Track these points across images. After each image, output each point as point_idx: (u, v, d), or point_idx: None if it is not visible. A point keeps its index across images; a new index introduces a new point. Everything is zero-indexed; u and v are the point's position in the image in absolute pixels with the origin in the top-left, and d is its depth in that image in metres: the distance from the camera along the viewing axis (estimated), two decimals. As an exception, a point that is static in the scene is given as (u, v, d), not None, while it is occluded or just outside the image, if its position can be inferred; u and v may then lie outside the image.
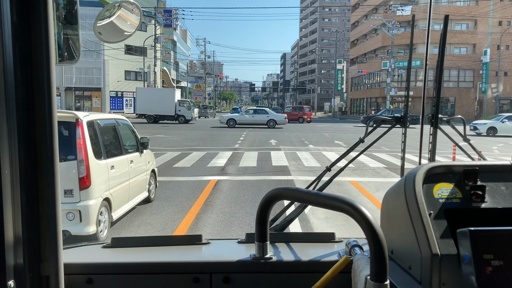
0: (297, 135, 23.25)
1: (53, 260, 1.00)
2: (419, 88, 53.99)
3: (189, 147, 16.02)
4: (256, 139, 20.53)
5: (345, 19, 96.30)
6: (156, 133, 22.95)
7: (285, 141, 19.32)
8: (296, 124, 35.93)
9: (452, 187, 1.19)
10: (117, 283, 1.36)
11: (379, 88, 55.77)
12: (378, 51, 59.19)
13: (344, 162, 1.89)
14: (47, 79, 0.97)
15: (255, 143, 18.42)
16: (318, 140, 20.18)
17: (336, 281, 1.20)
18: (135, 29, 1.47)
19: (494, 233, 0.98)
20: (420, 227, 1.10)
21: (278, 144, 17.74)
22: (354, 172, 10.42)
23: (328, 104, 74.35)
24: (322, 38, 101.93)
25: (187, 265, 1.37)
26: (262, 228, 1.26)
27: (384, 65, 51.03)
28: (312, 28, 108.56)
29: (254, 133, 24.64)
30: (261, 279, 1.35)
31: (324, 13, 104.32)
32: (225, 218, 6.37)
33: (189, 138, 20.40)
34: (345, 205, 0.96)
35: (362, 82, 64.35)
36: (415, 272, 1.13)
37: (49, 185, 0.99)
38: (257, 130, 26.81)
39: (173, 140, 19.23)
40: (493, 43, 51.06)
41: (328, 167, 1.91)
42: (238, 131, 25.97)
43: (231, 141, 18.84)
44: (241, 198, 7.69)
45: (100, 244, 1.57)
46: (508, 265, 0.95)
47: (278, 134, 23.67)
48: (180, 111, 33.21)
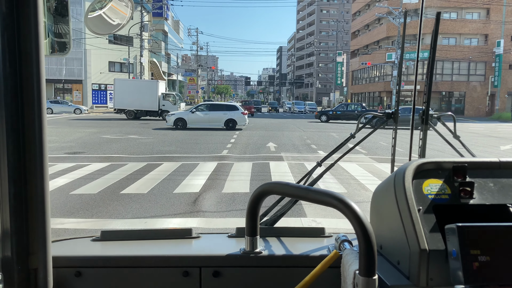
0: (299, 136, 19.34)
1: (41, 253, 1.02)
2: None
3: (162, 155, 12.12)
4: (250, 141, 16.62)
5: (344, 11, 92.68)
6: (129, 133, 18.98)
7: (286, 145, 15.42)
8: (296, 121, 32.02)
9: (441, 183, 1.20)
10: (106, 276, 1.34)
11: (383, 82, 51.93)
12: (381, 42, 55.30)
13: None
14: (36, 70, 0.97)
15: (249, 147, 14.53)
16: (327, 143, 16.29)
17: (326, 276, 1.21)
18: (127, 20, 1.47)
19: (481, 229, 0.98)
20: (409, 223, 1.11)
21: (278, 150, 13.84)
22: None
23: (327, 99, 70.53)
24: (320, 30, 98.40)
25: (176, 259, 1.36)
26: (252, 222, 1.27)
27: (389, 57, 47.13)
28: (309, 20, 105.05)
29: (248, 133, 20.71)
30: (251, 273, 1.35)
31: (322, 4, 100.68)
32: None
33: (167, 140, 16.46)
34: (334, 200, 0.97)
35: (363, 75, 60.47)
36: (404, 267, 1.14)
37: (38, 178, 0.99)
38: (251, 130, 22.88)
39: (146, 143, 15.30)
40: (507, 33, 47.32)
41: (319, 162, 1.91)
42: (230, 131, 22.06)
43: (219, 145, 14.93)
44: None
45: (89, 237, 1.54)
46: (495, 261, 0.96)
47: (277, 135, 19.75)
48: (165, 106, 29.11)
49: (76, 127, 22.06)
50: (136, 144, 14.68)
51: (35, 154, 0.99)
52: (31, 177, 0.99)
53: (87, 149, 13.17)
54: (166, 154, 12.21)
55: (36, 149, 0.99)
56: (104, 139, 16.16)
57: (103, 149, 13.36)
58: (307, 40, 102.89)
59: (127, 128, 21.68)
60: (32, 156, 0.99)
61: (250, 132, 20.77)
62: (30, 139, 0.98)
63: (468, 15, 49.44)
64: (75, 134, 18.06)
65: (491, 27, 47.80)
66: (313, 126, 27.04)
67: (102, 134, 18.43)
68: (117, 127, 22.62)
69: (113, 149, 13.22)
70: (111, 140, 16.02)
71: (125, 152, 12.67)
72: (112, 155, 12.03)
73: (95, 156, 11.76)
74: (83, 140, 15.68)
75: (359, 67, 59.48)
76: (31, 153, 0.98)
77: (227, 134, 19.23)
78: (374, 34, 57.11)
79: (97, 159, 11.23)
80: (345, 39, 78.39)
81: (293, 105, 58.48)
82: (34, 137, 0.98)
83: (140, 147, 13.99)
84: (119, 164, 10.41)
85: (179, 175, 9.04)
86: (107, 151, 12.78)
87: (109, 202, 6.75)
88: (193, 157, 11.71)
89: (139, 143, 15.03)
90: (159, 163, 10.62)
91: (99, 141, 15.64)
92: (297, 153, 13.24)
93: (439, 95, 49.74)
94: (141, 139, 16.46)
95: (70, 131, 19.20)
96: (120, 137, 17.04)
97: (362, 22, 62.05)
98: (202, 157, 11.83)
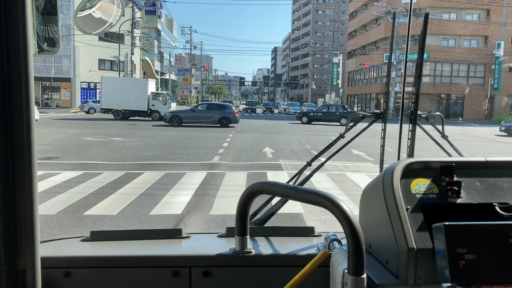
0: (298, 140, 17.96)
1: (29, 254, 1.01)
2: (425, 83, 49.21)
3: (144, 161, 10.71)
4: (244, 145, 15.22)
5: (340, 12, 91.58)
6: (113, 135, 17.51)
7: (284, 150, 14.04)
8: (293, 123, 30.69)
9: (429, 182, 1.21)
10: (96, 277, 1.33)
11: (381, 83, 50.72)
12: (379, 43, 54.09)
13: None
14: (24, 69, 0.96)
15: (244, 152, 13.14)
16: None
17: (315, 275, 1.22)
18: (117, 19, 1.45)
19: (468, 228, 0.99)
20: (397, 222, 1.12)
21: (276, 156, 12.46)
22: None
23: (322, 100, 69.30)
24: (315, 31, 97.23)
25: (166, 259, 1.35)
26: (242, 222, 1.26)
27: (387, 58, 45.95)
28: (305, 21, 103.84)
29: (242, 136, 19.32)
30: (241, 272, 1.34)
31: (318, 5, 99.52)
32: None
33: (154, 143, 15.01)
34: (323, 199, 0.97)
35: (360, 76, 59.25)
36: (392, 266, 1.14)
37: (27, 178, 0.98)
38: (246, 132, 21.50)
39: (130, 146, 13.86)
40: (507, 35, 46.28)
41: (309, 162, 1.91)
42: (222, 132, 20.65)
43: (210, 150, 13.53)
44: None
45: (78, 238, 1.52)
46: (480, 259, 0.96)
47: (273, 138, 18.37)
48: (154, 105, 27.57)
49: (58, 127, 20.55)
50: (118, 148, 13.24)
51: (23, 154, 0.97)
52: (19, 178, 0.98)
53: (62, 154, 11.73)
54: (149, 161, 10.79)
55: (24, 149, 0.97)
56: (84, 142, 14.70)
57: (80, 154, 11.92)
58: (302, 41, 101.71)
59: (112, 129, 20.19)
60: (20, 156, 0.97)
61: (244, 135, 19.37)
62: (18, 139, 0.97)
63: (468, 16, 48.37)
64: (54, 135, 16.58)
65: (491, 28, 46.76)
66: (311, 128, 25.70)
67: (83, 136, 16.96)
68: (102, 128, 21.13)
69: (91, 154, 11.78)
70: (91, 143, 14.56)
71: (104, 157, 11.24)
72: (88, 161, 10.60)
73: (69, 163, 10.33)
74: (61, 143, 14.22)
75: (356, 68, 58.27)
76: (19, 153, 0.97)
77: (220, 137, 17.82)
78: (371, 34, 55.93)
79: (70, 166, 9.81)
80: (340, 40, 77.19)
81: (288, 106, 57.19)
82: (22, 137, 0.97)
83: (122, 151, 12.55)
84: (93, 173, 8.99)
85: (160, 189, 7.63)
86: (83, 157, 11.34)
87: (67, 228, 5.33)
88: (179, 165, 10.29)
89: (121, 147, 13.59)
90: (139, 172, 9.21)
91: (78, 144, 14.18)
92: (296, 160, 11.86)
93: (438, 98, 48.66)
94: (125, 142, 15.00)
95: (50, 132, 17.71)
96: (102, 140, 15.58)
97: (359, 22, 60.86)
98: (189, 165, 10.42)
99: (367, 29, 59.18)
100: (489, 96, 46.51)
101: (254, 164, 10.81)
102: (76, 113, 34.78)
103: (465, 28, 47.18)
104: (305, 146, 15.58)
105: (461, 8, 47.12)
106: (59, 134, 17.30)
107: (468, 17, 48.39)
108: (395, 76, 44.88)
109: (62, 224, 5.47)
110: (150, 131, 20.29)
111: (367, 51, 56.63)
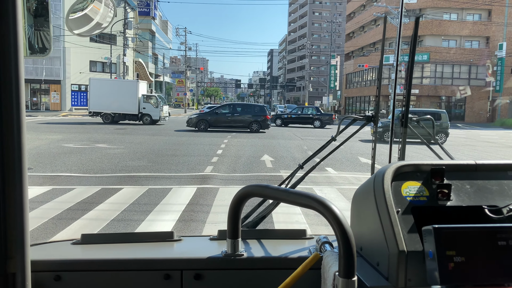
0: (298, 146, 16.62)
1: (19, 257, 1.00)
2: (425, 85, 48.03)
3: (126, 173, 9.34)
4: (240, 153, 13.87)
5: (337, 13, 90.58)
6: (98, 141, 16.11)
7: (285, 158, 12.69)
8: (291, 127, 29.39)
9: (420, 185, 1.21)
10: (87, 280, 1.32)
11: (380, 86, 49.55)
12: (378, 44, 52.95)
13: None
14: (14, 72, 0.95)
15: (240, 162, 11.79)
16: (334, 156, 13.58)
17: (306, 278, 1.21)
18: (109, 22, 1.43)
19: (457, 230, 1.00)
20: (388, 225, 1.12)
21: (276, 166, 11.12)
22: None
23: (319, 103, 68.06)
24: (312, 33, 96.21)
25: (158, 262, 1.34)
26: (234, 225, 1.26)
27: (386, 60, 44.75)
28: (301, 22, 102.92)
29: (238, 141, 17.97)
30: (232, 275, 1.34)
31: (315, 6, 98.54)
32: None
33: (140, 151, 13.62)
34: (314, 202, 0.97)
35: (358, 79, 58.05)
36: (383, 268, 1.14)
37: (17, 181, 0.97)
38: (242, 137, 20.15)
39: (114, 154, 12.47)
40: (509, 35, 45.18)
41: (301, 165, 1.98)
42: (216, 137, 19.30)
43: (203, 158, 12.17)
44: None
45: (69, 241, 1.51)
46: (470, 261, 0.97)
47: (272, 144, 17.02)
48: (145, 108, 26.11)
49: (40, 132, 19.12)
50: (100, 157, 11.86)
51: (14, 158, 0.96)
52: (10, 181, 0.97)
53: (36, 164, 10.35)
54: (132, 173, 9.42)
55: (14, 153, 0.96)
56: (64, 150, 13.31)
57: (56, 163, 10.55)
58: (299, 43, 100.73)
59: (98, 135, 18.79)
60: (11, 160, 0.96)
61: (240, 141, 18.02)
62: (8, 143, 0.95)
63: (469, 17, 47.31)
64: (34, 141, 15.17)
65: (492, 29, 45.70)
66: (312, 133, 24.39)
67: (65, 142, 15.57)
68: (88, 133, 19.73)
69: (67, 165, 10.41)
70: (72, 150, 13.18)
71: (81, 169, 9.86)
72: (62, 173, 9.23)
73: (39, 175, 8.96)
74: (39, 151, 12.82)
75: (354, 70, 57.10)
76: (9, 157, 0.96)
77: (214, 143, 16.47)
78: (370, 35, 54.82)
79: (39, 180, 8.44)
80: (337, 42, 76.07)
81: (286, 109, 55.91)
82: (12, 141, 0.95)
83: (103, 161, 11.17)
84: (63, 189, 7.64)
85: (138, 211, 6.28)
86: (58, 168, 9.97)
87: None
88: (165, 178, 8.93)
89: (104, 155, 12.20)
90: (117, 187, 7.85)
91: (57, 151, 12.79)
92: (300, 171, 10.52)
93: (438, 100, 47.52)
94: (109, 150, 13.61)
95: (30, 138, 16.28)
96: (84, 147, 14.18)
97: (357, 23, 59.74)
98: (177, 177, 9.06)
99: (365, 30, 58.04)
100: (491, 99, 45.39)
101: (252, 176, 9.47)
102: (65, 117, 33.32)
103: (466, 29, 46.10)
104: (307, 152, 14.24)
105: (462, 8, 46.06)
106: (39, 140, 15.90)
107: (469, 18, 47.33)
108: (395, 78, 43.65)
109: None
110: (139, 136, 18.89)
111: (366, 53, 55.47)
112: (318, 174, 9.83)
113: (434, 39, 45.96)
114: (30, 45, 1.07)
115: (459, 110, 47.61)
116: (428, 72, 46.90)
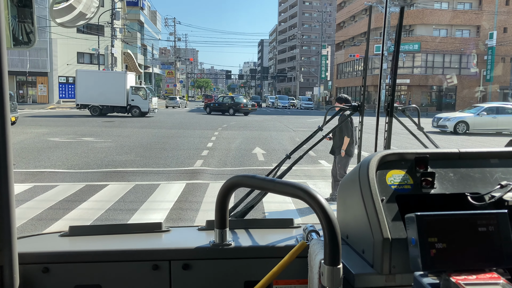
0: (291, 138, 16.33)
1: (7, 250, 1.00)
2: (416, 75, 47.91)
3: (112, 168, 8.99)
4: (231, 145, 13.55)
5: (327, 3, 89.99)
6: (85, 135, 15.68)
7: (277, 151, 12.40)
8: (283, 118, 29.09)
9: (404, 174, 1.22)
10: (75, 272, 1.31)
11: (371, 76, 49.29)
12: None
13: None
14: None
15: (230, 155, 11.47)
16: (327, 147, 13.34)
17: (294, 266, 1.23)
18: (94, 13, 1.40)
19: (439, 217, 1.01)
20: (373, 213, 1.13)
21: (268, 159, 10.82)
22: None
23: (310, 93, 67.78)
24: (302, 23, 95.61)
25: (146, 253, 1.34)
26: (221, 215, 1.27)
27: (377, 49, 44.50)
28: (291, 12, 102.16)
29: (229, 133, 17.63)
30: (220, 265, 1.34)
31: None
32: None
33: (128, 144, 13.24)
34: (300, 191, 0.98)
35: (349, 69, 57.81)
36: (368, 256, 1.15)
37: (2, 174, 0.96)
38: (233, 129, 19.81)
39: (100, 148, 12.09)
40: (499, 24, 45.11)
41: (288, 155, 1.92)
42: (206, 129, 18.93)
43: (193, 151, 11.83)
44: None
45: (57, 233, 1.50)
46: (451, 247, 0.99)
47: (264, 136, 16.72)
48: (134, 100, 25.63)
49: (26, 125, 18.61)
50: (86, 151, 11.47)
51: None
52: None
53: (19, 160, 9.95)
54: (118, 168, 9.07)
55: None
56: (49, 144, 12.89)
57: (40, 158, 10.16)
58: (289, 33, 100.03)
59: (85, 128, 18.34)
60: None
61: (231, 133, 17.69)
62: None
63: (459, 5, 47.15)
64: (19, 135, 14.71)
65: (483, 18, 45.60)
66: (304, 124, 24.13)
67: (51, 135, 15.12)
68: (75, 126, 19.25)
69: (51, 160, 10.02)
70: (57, 144, 12.76)
71: (65, 164, 9.49)
72: (45, 169, 8.86)
73: (21, 171, 8.58)
74: (23, 145, 12.39)
75: (345, 60, 56.82)
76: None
77: (205, 136, 16.12)
78: (360, 25, 54.46)
79: (21, 177, 8.06)
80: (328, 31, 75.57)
81: (277, 100, 55.61)
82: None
83: (89, 155, 10.79)
84: (45, 186, 7.28)
85: (123, 210, 5.96)
86: (42, 163, 9.58)
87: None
88: (153, 173, 8.60)
89: (90, 150, 11.82)
90: (102, 184, 7.51)
91: (41, 146, 12.37)
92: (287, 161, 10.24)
93: (429, 89, 47.48)
94: (95, 143, 13.21)
95: (15, 132, 15.79)
96: (70, 141, 13.76)
97: (348, 12, 59.34)
98: (166, 173, 8.73)
99: (356, 19, 57.67)
100: (481, 87, 45.41)
101: (244, 170, 9.17)
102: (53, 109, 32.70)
103: (457, 18, 45.95)
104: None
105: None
106: (24, 134, 15.43)
107: (460, 7, 47.18)
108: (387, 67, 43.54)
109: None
110: (127, 129, 18.47)
111: (357, 42, 55.14)
112: (311, 168, 9.55)
113: (425, 28, 45.79)
114: (14, 37, 1.05)
115: (449, 99, 47.62)
116: (419, 61, 46.77)
